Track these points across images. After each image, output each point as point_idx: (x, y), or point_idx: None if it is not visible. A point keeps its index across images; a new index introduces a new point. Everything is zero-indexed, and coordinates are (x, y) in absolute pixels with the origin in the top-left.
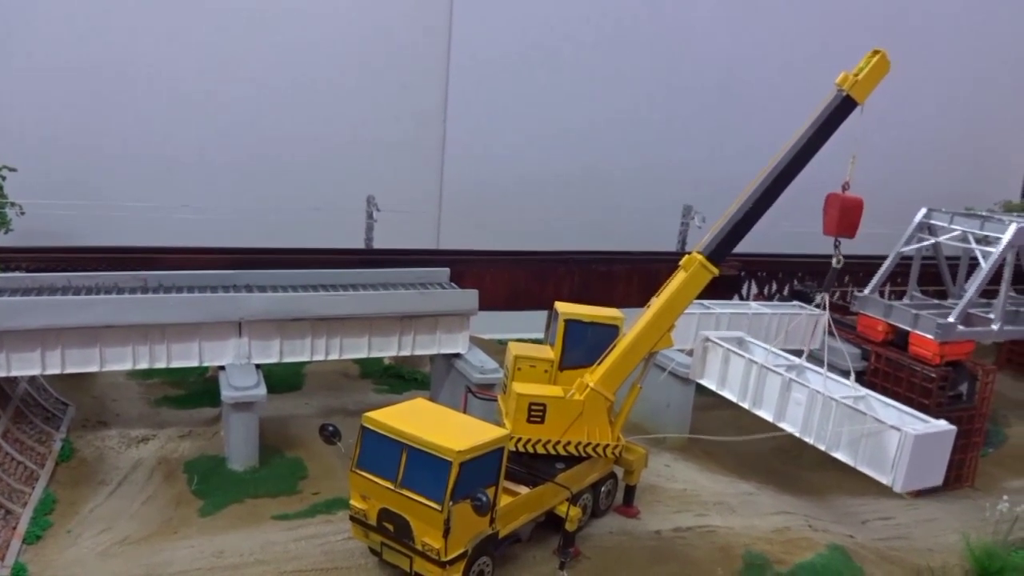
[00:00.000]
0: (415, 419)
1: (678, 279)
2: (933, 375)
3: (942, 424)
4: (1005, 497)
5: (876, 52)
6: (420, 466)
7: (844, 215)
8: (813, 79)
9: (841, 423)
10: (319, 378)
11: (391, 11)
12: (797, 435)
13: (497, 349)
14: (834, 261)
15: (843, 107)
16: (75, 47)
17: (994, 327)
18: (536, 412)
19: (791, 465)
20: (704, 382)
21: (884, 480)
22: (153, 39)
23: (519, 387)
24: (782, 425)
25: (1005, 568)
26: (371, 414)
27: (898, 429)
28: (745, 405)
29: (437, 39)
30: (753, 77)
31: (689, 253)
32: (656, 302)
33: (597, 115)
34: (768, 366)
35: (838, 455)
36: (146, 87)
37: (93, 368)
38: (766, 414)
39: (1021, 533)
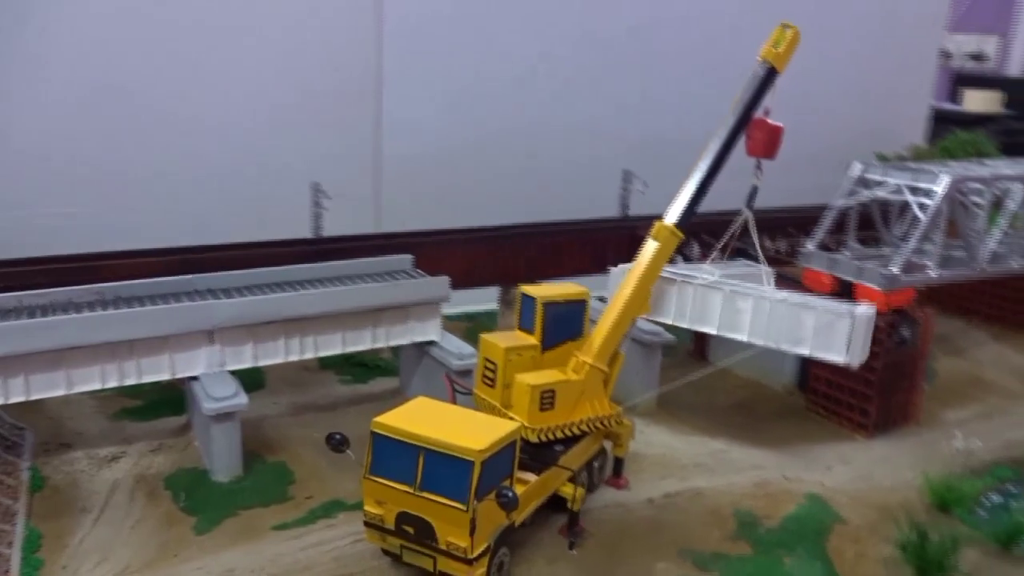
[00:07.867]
0: (425, 420)
1: (652, 249)
2: (881, 323)
3: (871, 308)
4: (957, 432)
5: (787, 26)
6: (440, 468)
7: (770, 138)
8: (735, 43)
9: (790, 321)
10: (280, 374)
11: None
12: (746, 340)
13: (447, 325)
14: (756, 180)
15: (768, 76)
16: None
17: (932, 273)
18: (547, 399)
19: (751, 418)
20: (658, 318)
21: (840, 360)
22: (64, 30)
23: (526, 378)
24: (731, 335)
25: (961, 498)
26: (380, 419)
27: (850, 314)
28: (686, 325)
29: (366, 13)
30: (677, 41)
31: (658, 221)
32: (634, 272)
33: (531, 86)
34: (709, 285)
35: (791, 349)
36: (64, 83)
37: (60, 392)
38: (711, 328)
39: (974, 464)
